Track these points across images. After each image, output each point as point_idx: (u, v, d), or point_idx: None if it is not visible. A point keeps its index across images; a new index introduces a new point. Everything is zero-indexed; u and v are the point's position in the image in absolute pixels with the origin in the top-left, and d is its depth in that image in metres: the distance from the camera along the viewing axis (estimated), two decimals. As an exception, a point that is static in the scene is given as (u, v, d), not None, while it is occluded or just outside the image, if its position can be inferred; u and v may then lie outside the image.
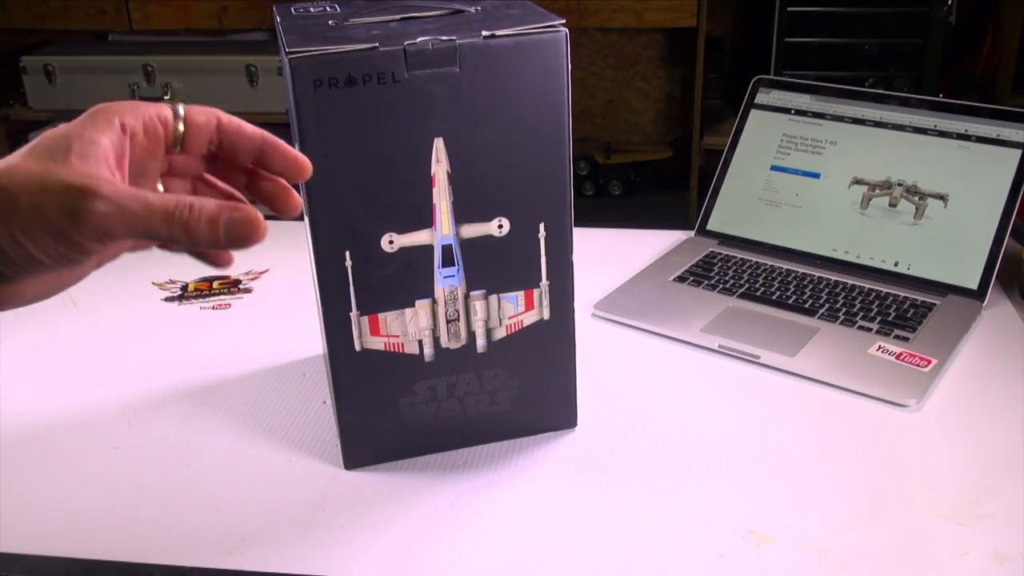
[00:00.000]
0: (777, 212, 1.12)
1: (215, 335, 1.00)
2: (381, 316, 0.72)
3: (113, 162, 0.45)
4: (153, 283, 1.11)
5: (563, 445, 0.80)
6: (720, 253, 1.11)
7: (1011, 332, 0.96)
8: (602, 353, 0.93)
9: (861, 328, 0.94)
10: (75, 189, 0.42)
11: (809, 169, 1.11)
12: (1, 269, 0.44)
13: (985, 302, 0.99)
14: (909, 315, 0.96)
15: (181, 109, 0.50)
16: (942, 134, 1.05)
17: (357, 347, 0.73)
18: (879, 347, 0.91)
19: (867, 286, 1.02)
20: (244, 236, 0.45)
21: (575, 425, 0.82)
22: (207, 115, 0.51)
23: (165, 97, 2.27)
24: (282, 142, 0.53)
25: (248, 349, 0.95)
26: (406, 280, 0.72)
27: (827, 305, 0.98)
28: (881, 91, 1.21)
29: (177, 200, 0.44)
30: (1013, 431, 0.80)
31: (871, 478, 0.74)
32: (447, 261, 0.72)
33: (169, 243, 0.46)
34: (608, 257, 1.13)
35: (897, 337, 0.92)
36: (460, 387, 0.76)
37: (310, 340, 0.90)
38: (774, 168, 1.13)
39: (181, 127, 0.50)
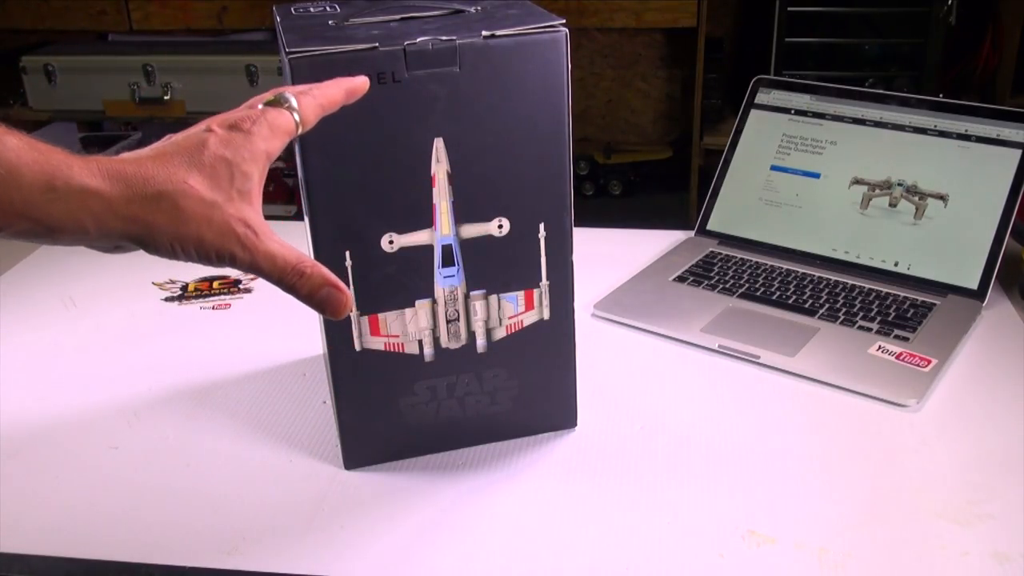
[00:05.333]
0: (777, 212, 1.12)
1: (215, 335, 1.00)
2: (381, 316, 0.72)
3: (257, 192, 0.53)
4: (153, 283, 1.11)
5: (563, 445, 0.80)
6: (720, 253, 1.11)
7: (1011, 332, 0.96)
8: (602, 353, 0.93)
9: (861, 328, 0.94)
10: (231, 237, 0.50)
11: (809, 169, 1.11)
12: (146, 250, 0.51)
13: (985, 302, 0.98)
14: (909, 315, 0.96)
15: (297, 116, 0.55)
16: (942, 134, 1.05)
17: (357, 347, 0.73)
18: (879, 347, 0.91)
19: (867, 286, 1.02)
20: (331, 311, 0.54)
21: (575, 425, 0.81)
22: (314, 112, 0.57)
23: (165, 97, 2.26)
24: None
25: (248, 349, 0.95)
26: (406, 280, 0.72)
27: (827, 305, 0.98)
28: (881, 91, 1.21)
29: (294, 265, 0.52)
30: (1013, 431, 0.80)
31: (871, 478, 0.74)
32: (447, 261, 0.72)
33: None
34: (608, 257, 1.12)
35: (897, 337, 0.92)
36: (460, 387, 0.76)
37: (310, 340, 0.90)
38: (774, 168, 1.13)
39: (300, 131, 0.56)
